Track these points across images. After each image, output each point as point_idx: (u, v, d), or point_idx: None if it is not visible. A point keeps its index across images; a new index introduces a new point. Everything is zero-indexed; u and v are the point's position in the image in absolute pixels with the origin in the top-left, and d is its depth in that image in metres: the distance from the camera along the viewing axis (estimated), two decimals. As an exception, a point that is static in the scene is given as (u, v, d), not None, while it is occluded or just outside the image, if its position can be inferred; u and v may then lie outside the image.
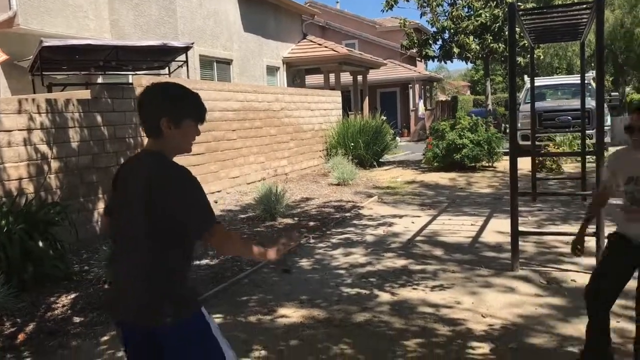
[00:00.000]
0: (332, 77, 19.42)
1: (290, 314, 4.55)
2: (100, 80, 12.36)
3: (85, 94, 7.67)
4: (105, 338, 4.18)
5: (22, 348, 4.09)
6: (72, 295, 5.13)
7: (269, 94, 12.31)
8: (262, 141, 11.77)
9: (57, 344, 4.13)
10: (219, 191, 10.11)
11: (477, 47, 17.82)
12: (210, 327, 2.23)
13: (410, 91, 29.02)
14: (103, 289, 5.26)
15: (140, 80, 8.57)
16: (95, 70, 11.33)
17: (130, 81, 10.67)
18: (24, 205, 5.91)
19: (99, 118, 7.45)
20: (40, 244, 5.36)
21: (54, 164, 6.70)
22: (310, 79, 22.14)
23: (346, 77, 21.50)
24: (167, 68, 11.90)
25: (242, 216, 8.55)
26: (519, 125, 14.53)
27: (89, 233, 7.08)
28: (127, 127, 7.94)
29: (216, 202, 9.66)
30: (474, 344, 3.83)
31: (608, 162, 3.53)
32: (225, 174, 10.39)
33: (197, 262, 6.14)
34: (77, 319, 4.60)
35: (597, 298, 3.25)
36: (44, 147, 6.58)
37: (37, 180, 6.46)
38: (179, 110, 2.21)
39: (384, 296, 4.91)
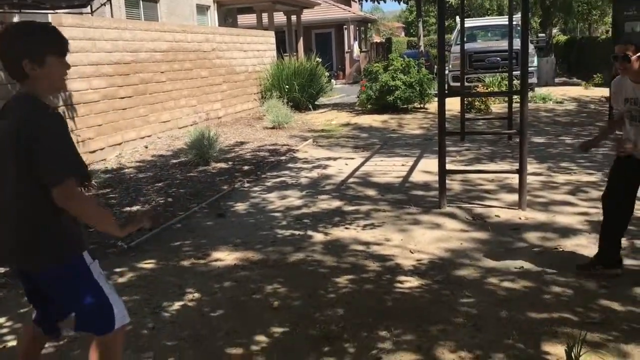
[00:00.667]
0: (265, 17, 18.94)
1: (225, 257, 4.57)
2: (16, 19, 11.56)
3: (-1, 33, 7.18)
4: (33, 287, 4.08)
5: (-57, 301, 3.94)
6: (-4, 246, 4.94)
7: (199, 33, 11.91)
8: (193, 83, 11.45)
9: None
10: (149, 136, 9.84)
11: (411, -12, 17.73)
12: (92, 272, 2.26)
13: (345, 32, 28.77)
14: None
15: (60, 20, 8.09)
16: (10, 9, 10.55)
17: (49, 20, 10.03)
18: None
19: (15, 60, 7.01)
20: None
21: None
22: (243, 19, 21.53)
23: (280, 18, 21.02)
24: (89, 6, 11.23)
25: (174, 161, 8.40)
26: (450, 66, 14.79)
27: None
28: (47, 70, 7.52)
29: (146, 147, 9.42)
30: (403, 278, 3.98)
31: (611, 88, 3.94)
32: (155, 118, 10.09)
33: (128, 209, 6.03)
34: (0, 270, 4.45)
35: (608, 196, 3.85)
36: (-45, 91, 6.17)
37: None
38: (38, 49, 2.13)
39: (318, 236, 5.00)
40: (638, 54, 3.47)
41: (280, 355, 3.00)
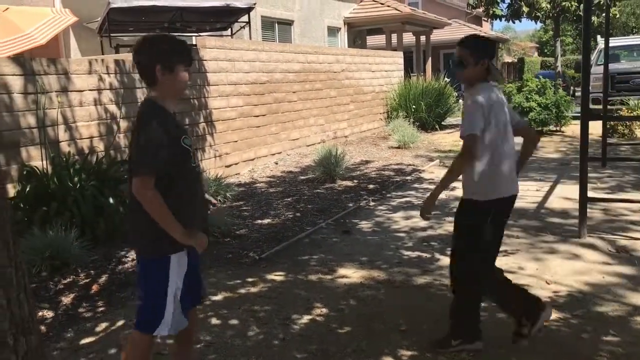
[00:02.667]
0: (394, 37, 19.05)
1: (350, 274, 4.59)
2: (164, 42, 12.54)
3: (152, 55, 7.80)
4: (173, 291, 4.35)
5: (96, 298, 4.32)
6: (141, 250, 5.33)
7: (329, 55, 12.21)
8: (322, 103, 11.74)
9: (128, 295, 4.33)
10: (279, 153, 10.20)
11: (548, 6, 17.01)
12: (168, 281, 2.44)
13: (475, 52, 28.09)
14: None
15: (204, 42, 8.66)
16: (161, 32, 11.50)
17: (194, 42, 10.81)
18: (95, 163, 6.15)
19: (164, 79, 7.59)
20: (111, 200, 5.58)
21: (123, 124, 6.92)
22: (372, 40, 21.77)
23: (409, 38, 21.03)
24: (229, 29, 11.96)
25: (302, 178, 8.62)
26: (590, 88, 13.90)
27: (155, 191, 7.31)
28: (192, 88, 8.07)
29: (276, 164, 9.76)
30: (538, 310, 3.76)
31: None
32: (286, 136, 10.45)
33: (260, 221, 6.26)
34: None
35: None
36: (112, 107, 6.79)
37: (107, 139, 6.69)
38: (170, 58, 2.45)
39: (446, 260, 4.84)
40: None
41: (408, 379, 2.95)
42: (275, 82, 10.03)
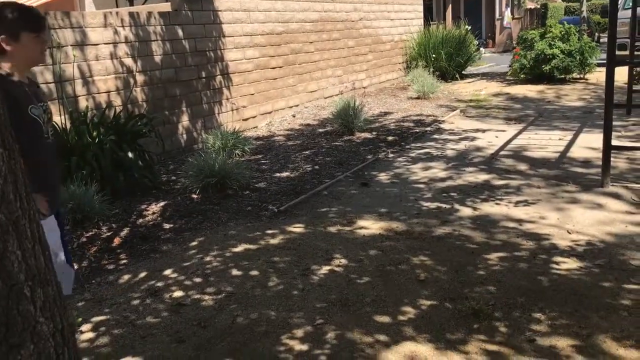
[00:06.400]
0: (413, -15, 18.50)
1: (369, 226, 4.59)
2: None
3: (166, 6, 7.70)
4: (194, 243, 4.40)
5: (118, 251, 4.39)
6: (161, 204, 5.39)
7: (347, 3, 11.92)
8: (340, 54, 11.54)
9: (149, 248, 4.40)
10: (296, 105, 10.12)
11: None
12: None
13: (497, -1, 27.28)
14: (190, 197, 5.49)
15: (218, -8, 8.49)
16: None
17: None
18: (112, 117, 6.15)
19: (180, 31, 7.51)
20: (130, 154, 5.61)
21: (139, 77, 6.88)
22: (390, -12, 21.17)
23: (428, -15, 20.43)
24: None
25: (320, 130, 8.56)
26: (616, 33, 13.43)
27: (174, 145, 7.33)
28: (207, 40, 7.97)
29: (294, 116, 9.69)
30: (559, 259, 3.74)
31: None
32: (303, 88, 10.34)
33: (279, 174, 6.27)
34: (166, 226, 4.85)
35: None
36: (129, 61, 6.74)
37: (124, 93, 6.67)
38: (14, 26, 2.31)
39: (465, 211, 4.84)
40: None
41: (428, 328, 2.96)
42: (291, 33, 9.86)
